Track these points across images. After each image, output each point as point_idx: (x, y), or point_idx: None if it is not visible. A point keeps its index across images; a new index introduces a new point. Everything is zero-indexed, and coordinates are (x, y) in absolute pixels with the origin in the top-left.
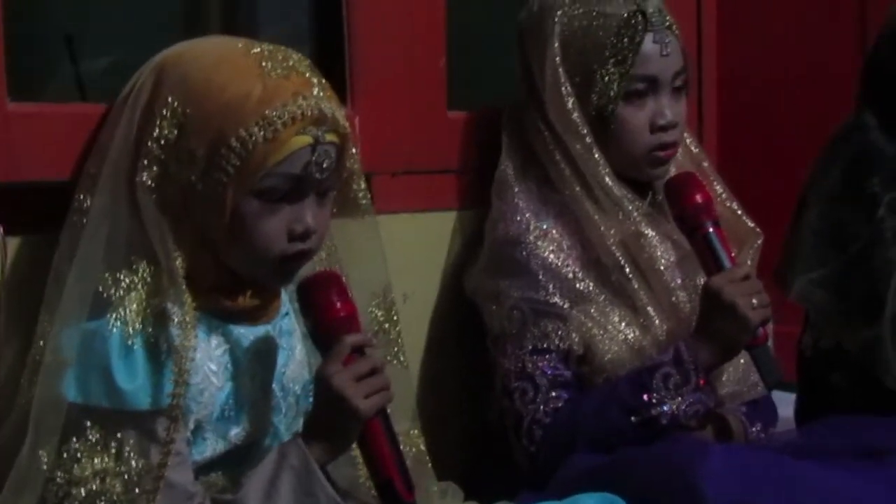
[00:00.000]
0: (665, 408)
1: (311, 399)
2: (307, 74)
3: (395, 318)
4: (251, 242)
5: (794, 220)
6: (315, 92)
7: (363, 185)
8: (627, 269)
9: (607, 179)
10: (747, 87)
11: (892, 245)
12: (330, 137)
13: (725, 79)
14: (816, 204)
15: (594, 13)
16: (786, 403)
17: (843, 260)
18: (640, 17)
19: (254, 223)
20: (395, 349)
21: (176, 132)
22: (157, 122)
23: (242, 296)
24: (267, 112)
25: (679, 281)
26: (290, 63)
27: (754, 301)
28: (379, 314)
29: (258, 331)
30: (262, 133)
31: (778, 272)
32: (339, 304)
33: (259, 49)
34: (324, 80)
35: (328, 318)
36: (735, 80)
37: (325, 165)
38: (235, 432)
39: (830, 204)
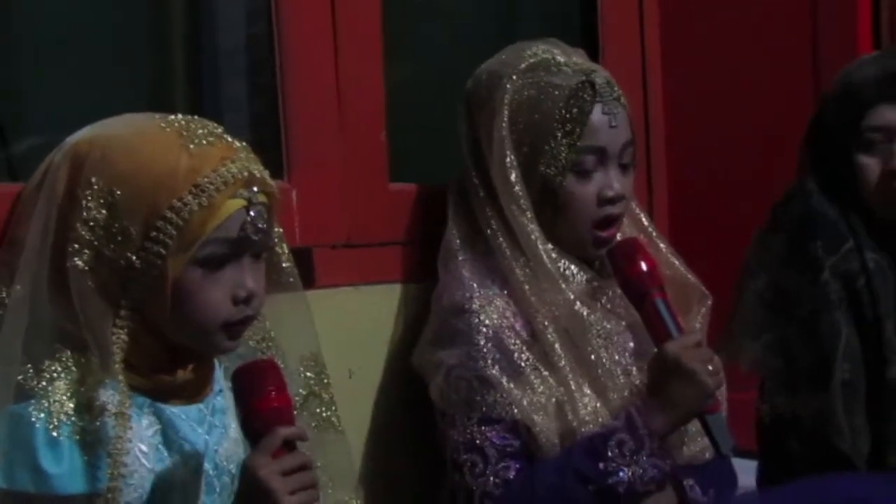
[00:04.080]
0: (621, 475)
1: None
2: (228, 139)
3: (326, 381)
4: (195, 312)
5: (739, 287)
6: (241, 155)
7: (286, 250)
8: (557, 346)
9: (544, 256)
10: (697, 157)
11: (837, 308)
12: (261, 198)
13: (674, 150)
14: (762, 270)
15: (543, 84)
16: (747, 471)
17: (790, 325)
18: (588, 89)
19: (197, 293)
20: (328, 414)
21: (105, 212)
22: (84, 205)
23: (182, 370)
24: (198, 180)
25: (630, 348)
26: (209, 130)
27: (709, 367)
28: (310, 376)
29: (190, 410)
30: (196, 201)
31: (728, 340)
32: (274, 395)
33: (174, 120)
34: (244, 143)
35: (262, 408)
36: (684, 151)
37: (259, 226)
38: None
39: (776, 269)
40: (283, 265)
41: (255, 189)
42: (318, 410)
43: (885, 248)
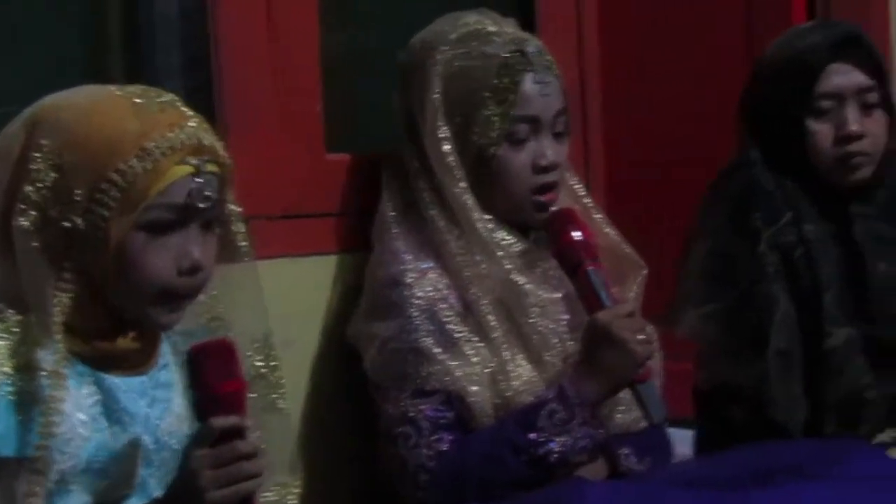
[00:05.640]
0: (553, 445)
1: None
2: (182, 108)
3: (274, 363)
4: (138, 277)
5: (683, 257)
6: (192, 123)
7: (242, 228)
8: (491, 317)
9: (479, 226)
10: (634, 127)
11: (774, 280)
12: (210, 167)
13: (611, 119)
14: (705, 240)
15: (475, 53)
16: (684, 440)
17: (730, 295)
18: (520, 58)
19: (140, 257)
20: (275, 395)
21: (53, 175)
22: (33, 167)
23: (123, 337)
24: (145, 144)
25: (566, 318)
26: (164, 99)
27: (640, 336)
28: (258, 360)
29: (133, 382)
30: (141, 164)
31: (670, 309)
32: (227, 379)
33: (131, 89)
34: (199, 115)
35: (214, 392)
36: (621, 121)
37: (207, 194)
38: (102, 486)
39: (718, 240)
40: (239, 244)
41: (205, 157)
42: (265, 393)
43: (832, 218)
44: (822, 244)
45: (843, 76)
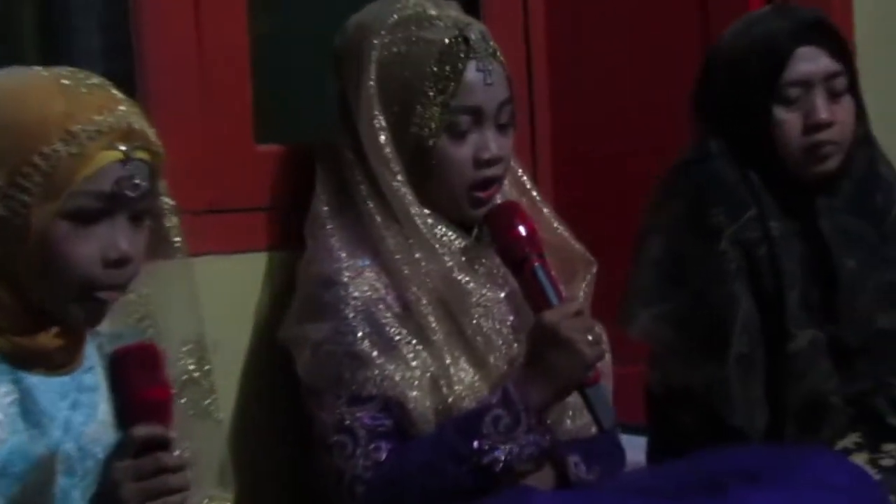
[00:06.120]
0: (498, 453)
1: None
2: (112, 91)
3: (207, 368)
4: (60, 269)
5: (636, 253)
6: (122, 107)
7: (176, 222)
8: (431, 318)
9: (418, 221)
10: (584, 117)
11: (735, 280)
12: (141, 154)
13: (559, 109)
14: (659, 235)
15: (413, 39)
16: (637, 447)
17: (685, 294)
18: (462, 44)
19: (63, 248)
20: (207, 402)
21: None
22: None
23: (45, 333)
24: (71, 127)
25: (511, 319)
26: (93, 81)
27: (589, 337)
28: (189, 364)
29: (53, 382)
30: (66, 148)
31: (621, 308)
32: (151, 386)
33: (58, 70)
34: (131, 99)
35: (139, 400)
36: (570, 111)
37: (136, 182)
38: (18, 494)
39: (673, 235)
40: (173, 239)
41: (135, 143)
42: (196, 399)
43: (796, 214)
44: (787, 242)
45: (811, 62)
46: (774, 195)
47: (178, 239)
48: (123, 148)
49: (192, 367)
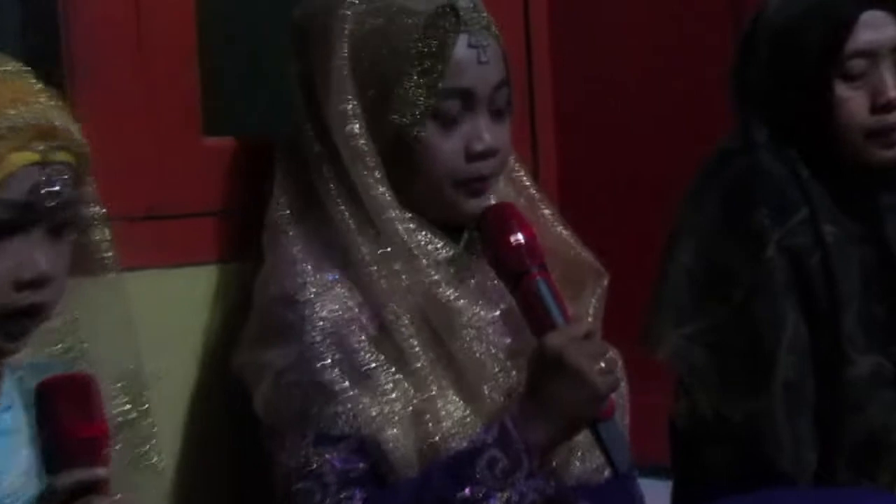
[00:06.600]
0: (493, 501)
1: None
2: (30, 81)
3: (145, 406)
4: None
5: (663, 262)
6: (41, 100)
7: (107, 235)
8: (414, 341)
9: (398, 227)
10: (591, 103)
11: (783, 294)
12: (62, 156)
13: (564, 93)
14: (692, 239)
15: (393, 10)
16: (659, 493)
17: (723, 311)
18: (450, 15)
19: None
20: (146, 448)
21: None
22: None
23: None
24: None
25: (507, 342)
26: (7, 68)
27: (601, 364)
28: (124, 402)
29: None
30: None
31: (646, 327)
32: (83, 422)
33: None
34: (51, 91)
35: (67, 439)
36: (576, 95)
37: (55, 189)
38: None
39: (708, 241)
40: (103, 255)
41: (56, 143)
42: (132, 444)
43: (855, 216)
44: (843, 250)
45: (878, 30)
46: (829, 193)
47: (109, 253)
48: (41, 148)
49: (127, 407)
